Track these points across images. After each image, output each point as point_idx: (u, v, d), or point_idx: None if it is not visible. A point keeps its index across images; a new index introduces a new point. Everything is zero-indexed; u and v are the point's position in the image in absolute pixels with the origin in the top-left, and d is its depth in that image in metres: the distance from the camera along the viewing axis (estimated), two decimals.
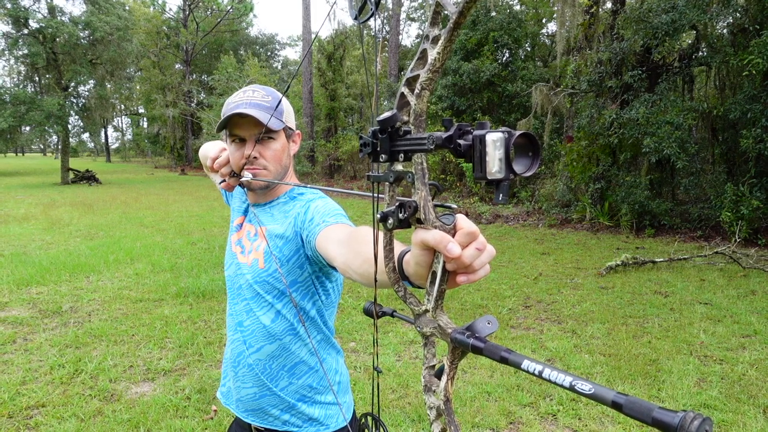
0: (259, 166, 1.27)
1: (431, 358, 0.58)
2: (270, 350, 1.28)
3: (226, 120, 1.24)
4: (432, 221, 0.53)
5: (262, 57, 42.61)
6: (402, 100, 0.56)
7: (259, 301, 1.28)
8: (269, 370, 1.29)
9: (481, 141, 0.46)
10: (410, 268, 0.60)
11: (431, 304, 0.56)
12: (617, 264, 6.50)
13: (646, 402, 0.39)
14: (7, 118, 20.28)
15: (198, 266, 6.75)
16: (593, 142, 10.10)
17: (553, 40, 18.28)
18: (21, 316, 4.78)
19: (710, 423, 0.37)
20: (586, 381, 0.42)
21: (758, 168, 8.12)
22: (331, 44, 22.45)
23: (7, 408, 3.13)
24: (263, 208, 1.35)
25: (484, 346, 0.51)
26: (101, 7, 22.42)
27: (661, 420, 0.37)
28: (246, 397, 1.32)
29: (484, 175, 0.46)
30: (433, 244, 0.52)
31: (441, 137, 0.49)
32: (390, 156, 0.56)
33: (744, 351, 4.04)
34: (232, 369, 1.35)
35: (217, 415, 3.12)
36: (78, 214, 11.88)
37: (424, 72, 0.53)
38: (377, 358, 0.79)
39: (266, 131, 1.25)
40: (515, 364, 0.47)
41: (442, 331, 0.55)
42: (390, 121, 0.55)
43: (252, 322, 1.30)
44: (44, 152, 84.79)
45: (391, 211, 0.56)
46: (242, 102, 1.24)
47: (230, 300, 1.39)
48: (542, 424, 3.03)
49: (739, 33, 8.68)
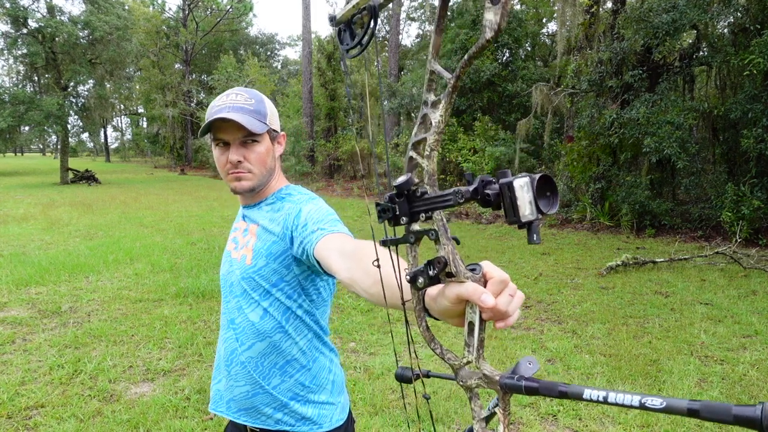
0: (243, 170, 1.27)
1: (480, 411, 0.59)
2: (261, 348, 1.28)
3: (209, 124, 1.24)
4: (463, 273, 0.55)
5: (261, 57, 42.60)
6: (411, 163, 0.59)
7: (247, 299, 1.29)
8: (261, 367, 1.29)
9: (509, 188, 0.49)
10: (435, 314, 0.62)
11: (473, 354, 0.57)
12: (618, 264, 6.49)
13: (721, 403, 0.40)
14: (6, 118, 20.26)
15: (198, 266, 6.73)
16: (594, 142, 10.09)
17: (553, 39, 18.28)
18: (20, 316, 4.77)
19: None
20: (656, 397, 0.43)
21: (759, 168, 8.11)
22: (331, 44, 22.43)
23: (7, 408, 3.12)
24: (253, 209, 1.36)
25: (539, 385, 0.51)
26: (101, 7, 22.40)
27: (743, 416, 0.38)
28: (239, 395, 1.32)
29: (518, 219, 0.49)
30: (468, 297, 0.54)
31: (468, 191, 0.52)
32: (410, 217, 0.58)
33: (745, 351, 4.03)
34: (225, 367, 1.34)
35: (217, 415, 3.10)
36: (77, 214, 11.87)
37: (430, 135, 0.56)
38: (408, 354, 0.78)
39: (249, 135, 1.24)
40: (576, 396, 0.47)
41: (489, 380, 0.55)
42: (406, 185, 0.57)
43: (242, 319, 1.30)
44: (43, 152, 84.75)
45: (420, 270, 0.58)
46: (225, 106, 1.24)
47: (223, 297, 1.39)
48: (542, 425, 3.02)
49: (740, 32, 8.68)
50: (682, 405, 0.41)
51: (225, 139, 1.25)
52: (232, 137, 1.25)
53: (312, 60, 22.02)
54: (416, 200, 0.57)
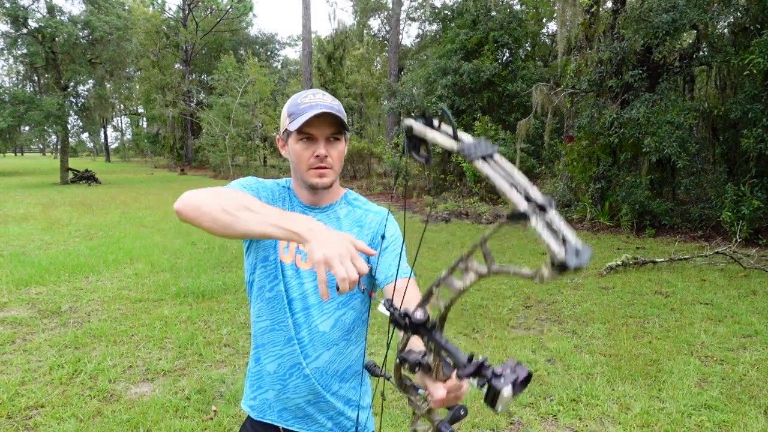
0: (327, 165, 1.30)
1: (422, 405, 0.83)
2: (327, 357, 1.31)
3: (306, 121, 1.25)
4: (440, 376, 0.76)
5: (261, 57, 42.57)
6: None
7: (321, 310, 1.29)
8: (325, 376, 1.32)
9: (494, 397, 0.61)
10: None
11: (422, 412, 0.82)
12: (618, 264, 6.49)
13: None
14: (6, 118, 20.26)
15: (198, 266, 6.73)
16: (594, 142, 10.09)
17: (553, 39, 18.28)
18: (20, 316, 4.77)
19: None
20: None
21: (759, 168, 8.11)
22: (331, 44, 22.43)
23: (6, 408, 3.12)
24: (325, 212, 1.34)
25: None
26: (100, 7, 22.39)
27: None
28: (295, 406, 1.33)
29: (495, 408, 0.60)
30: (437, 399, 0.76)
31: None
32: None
33: (745, 351, 4.03)
34: (279, 383, 1.33)
35: (217, 415, 3.10)
36: (77, 214, 11.87)
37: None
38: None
39: (336, 133, 1.30)
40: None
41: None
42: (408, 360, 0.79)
43: (310, 331, 1.30)
44: (43, 152, 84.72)
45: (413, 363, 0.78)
46: (316, 103, 1.28)
47: (275, 316, 1.32)
48: (542, 425, 3.02)
49: (740, 32, 8.68)
50: None
51: (314, 134, 1.28)
52: (321, 133, 1.28)
53: (312, 60, 22.02)
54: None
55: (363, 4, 30.76)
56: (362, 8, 31.41)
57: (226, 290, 5.62)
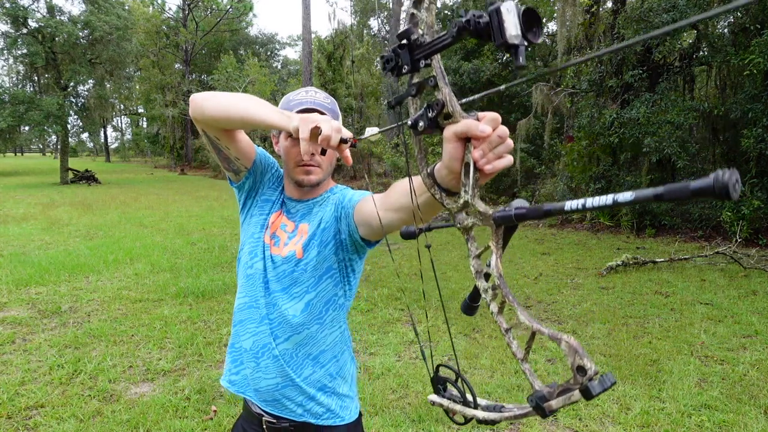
0: (315, 163, 1.32)
1: (475, 249, 0.63)
2: (298, 339, 1.31)
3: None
4: (459, 113, 0.60)
5: (261, 57, 42.58)
6: (413, 19, 0.62)
7: (291, 292, 1.30)
8: (295, 358, 1.31)
9: (497, 12, 0.52)
10: (443, 171, 0.66)
11: (469, 192, 0.62)
12: (618, 264, 6.49)
13: (682, 183, 0.44)
14: (6, 118, 20.26)
15: (198, 266, 6.73)
16: (594, 142, 10.09)
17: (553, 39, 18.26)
18: (20, 316, 4.77)
19: (737, 173, 0.41)
20: (626, 192, 0.47)
21: (759, 168, 8.11)
22: (331, 44, 22.43)
23: (6, 408, 3.12)
24: (307, 203, 1.37)
25: (526, 211, 0.56)
26: (100, 7, 22.39)
27: (699, 187, 0.42)
28: (265, 387, 1.33)
29: (504, 40, 0.52)
30: (465, 130, 0.59)
31: (461, 21, 0.55)
32: (412, 66, 0.61)
33: (745, 351, 4.03)
34: (252, 360, 1.34)
35: (217, 415, 3.10)
36: (77, 214, 11.87)
37: None
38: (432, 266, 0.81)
39: None
40: (560, 211, 0.52)
41: (484, 216, 0.60)
42: (407, 33, 0.60)
43: (281, 313, 1.31)
44: (43, 152, 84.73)
45: (420, 115, 0.62)
46: (307, 100, 1.29)
47: (253, 293, 1.36)
48: (542, 425, 3.02)
49: (740, 32, 8.67)
50: (649, 193, 0.46)
51: None
52: None
53: (312, 60, 22.02)
54: (416, 48, 0.60)
55: (363, 3, 30.73)
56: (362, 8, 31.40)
57: (226, 290, 5.62)
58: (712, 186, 0.41)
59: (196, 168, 32.34)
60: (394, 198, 0.98)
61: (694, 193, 0.42)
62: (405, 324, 4.70)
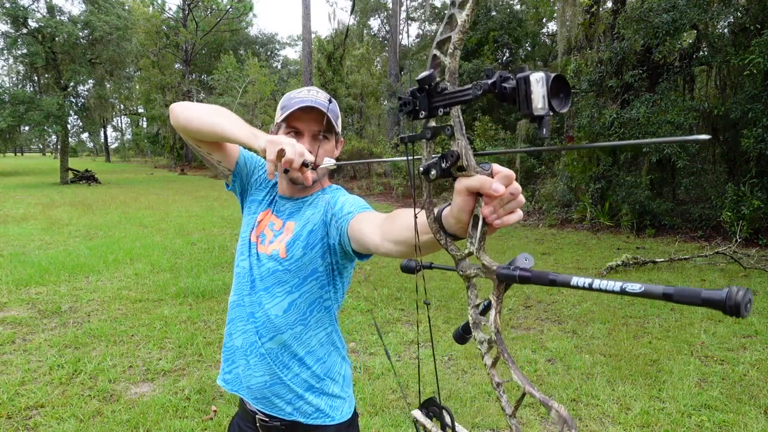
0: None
1: (475, 299, 0.63)
2: (283, 339, 1.31)
3: (291, 113, 1.28)
4: (474, 167, 0.59)
5: (261, 57, 42.58)
6: (434, 61, 0.61)
7: (275, 291, 1.30)
8: (281, 358, 1.31)
9: (525, 81, 0.51)
10: (451, 220, 0.65)
11: (475, 245, 0.61)
12: (618, 264, 6.49)
13: (694, 288, 0.43)
14: (6, 118, 20.26)
15: (198, 266, 6.73)
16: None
17: (553, 39, 18.27)
18: (20, 316, 4.77)
19: (751, 293, 0.41)
20: (635, 283, 0.46)
21: (759, 168, 8.11)
22: (331, 44, 22.43)
23: (6, 408, 3.12)
24: (296, 202, 1.36)
25: (531, 274, 0.55)
26: (100, 7, 22.39)
27: (711, 298, 0.42)
28: (255, 385, 1.34)
29: (530, 112, 0.51)
30: (478, 187, 0.58)
31: (487, 83, 0.54)
32: (429, 112, 0.61)
33: (745, 351, 4.03)
34: (243, 358, 1.36)
35: (217, 415, 3.10)
36: (77, 214, 11.87)
37: (455, 33, 0.58)
38: (425, 306, 0.82)
39: (324, 131, 1.29)
40: (565, 284, 0.51)
41: (487, 270, 0.60)
42: (428, 80, 0.60)
43: (265, 312, 1.31)
44: (43, 152, 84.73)
45: (434, 163, 0.62)
46: (308, 98, 1.29)
47: (240, 291, 1.38)
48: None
49: (740, 32, 8.67)
50: (658, 290, 0.45)
51: (301, 129, 1.29)
52: (308, 128, 1.29)
53: (312, 60, 22.02)
54: (436, 95, 0.60)
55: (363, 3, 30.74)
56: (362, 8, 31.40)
57: (226, 290, 5.62)
58: (723, 301, 0.41)
59: (196, 168, 32.35)
60: (396, 231, 0.94)
61: (705, 301, 0.42)
62: (405, 324, 4.71)
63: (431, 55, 0.61)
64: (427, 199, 0.66)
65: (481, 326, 0.61)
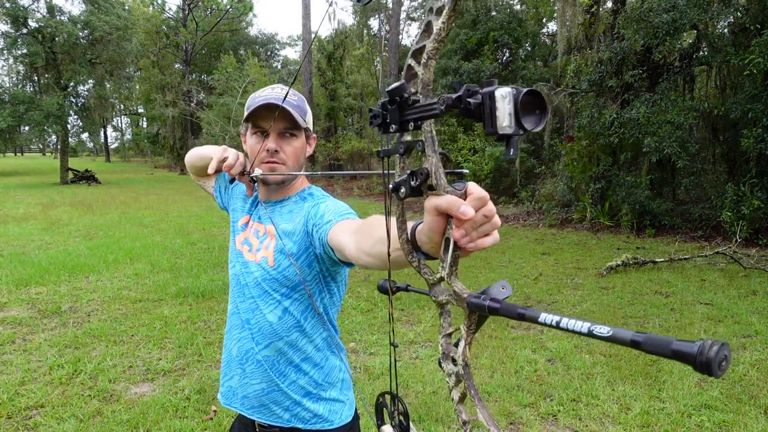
0: (278, 161, 1.29)
1: (447, 327, 0.60)
2: (278, 346, 1.30)
3: (253, 112, 1.27)
4: (443, 187, 0.54)
5: (261, 57, 42.59)
6: (410, 72, 0.56)
7: (267, 299, 1.30)
8: (277, 365, 1.31)
9: (490, 97, 0.47)
10: (423, 238, 0.61)
11: (446, 271, 0.57)
12: (618, 264, 6.49)
13: (664, 337, 0.40)
14: (6, 118, 20.27)
15: (198, 266, 6.73)
16: (594, 142, 10.09)
17: (553, 39, 18.27)
18: (20, 316, 4.77)
19: (728, 348, 0.37)
20: (604, 325, 0.43)
21: (759, 168, 8.10)
22: (330, 44, 22.43)
23: (6, 408, 3.12)
24: (275, 206, 1.36)
25: (500, 306, 0.52)
26: (100, 7, 22.39)
27: (680, 351, 0.38)
28: (253, 393, 1.33)
29: (495, 131, 0.47)
30: (446, 208, 0.54)
31: (451, 98, 0.50)
32: (400, 126, 0.57)
33: (745, 351, 4.03)
34: (239, 366, 1.35)
35: (217, 415, 3.10)
36: (77, 214, 11.87)
37: (429, 42, 0.53)
38: (393, 335, 0.81)
39: (290, 128, 1.28)
40: (532, 319, 0.48)
41: (458, 297, 0.56)
42: (398, 91, 0.55)
43: (259, 319, 1.31)
44: (43, 152, 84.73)
45: (403, 180, 0.57)
46: (271, 96, 1.28)
47: (235, 298, 1.39)
48: (542, 425, 3.02)
49: (740, 32, 8.67)
50: (627, 336, 0.42)
51: (266, 127, 1.28)
52: (273, 127, 1.28)
53: (312, 60, 22.01)
54: (407, 108, 0.56)
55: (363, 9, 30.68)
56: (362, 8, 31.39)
57: (226, 290, 5.59)
58: (694, 356, 0.37)
59: None
60: (370, 245, 0.91)
61: (675, 354, 0.38)
62: (405, 324, 4.71)
63: (406, 65, 0.57)
64: (400, 218, 0.61)
65: (451, 357, 0.57)
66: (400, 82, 0.56)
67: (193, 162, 1.55)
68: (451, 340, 0.59)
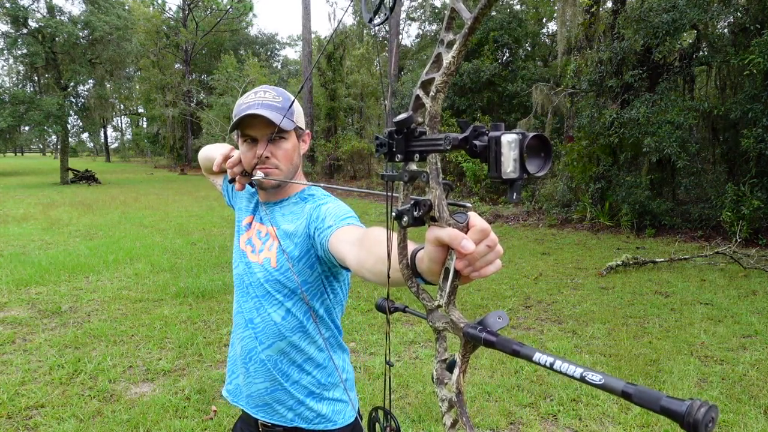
0: (270, 166, 1.29)
1: (443, 352, 0.60)
2: (281, 346, 1.31)
3: (239, 121, 1.26)
4: (446, 219, 0.55)
5: (262, 57, 42.58)
6: (417, 102, 0.57)
7: (270, 300, 1.30)
8: (280, 365, 1.31)
9: (496, 142, 0.48)
10: (423, 265, 0.61)
11: (444, 299, 0.58)
12: (618, 264, 6.49)
13: (655, 391, 0.40)
14: (6, 118, 20.27)
15: (198, 266, 6.73)
16: (594, 142, 10.09)
17: (553, 39, 18.28)
18: (20, 316, 4.77)
19: (716, 410, 0.38)
20: (597, 372, 0.43)
21: (759, 168, 8.11)
22: (331, 44, 22.42)
23: (7, 408, 3.12)
24: (274, 207, 1.37)
25: (496, 339, 0.52)
26: (101, 7, 22.39)
27: (669, 408, 0.38)
28: (257, 392, 1.34)
29: (499, 175, 0.48)
30: (447, 242, 0.54)
31: (457, 138, 0.51)
32: (405, 156, 0.58)
33: (745, 351, 4.03)
34: (242, 365, 1.36)
35: (217, 415, 3.11)
36: (77, 214, 11.87)
37: (439, 75, 0.54)
38: (389, 353, 0.81)
39: (278, 131, 1.26)
40: (527, 357, 0.48)
41: (455, 326, 0.56)
42: (406, 123, 0.56)
43: (262, 319, 1.32)
44: (43, 152, 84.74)
45: (406, 210, 0.58)
46: (254, 102, 1.26)
47: (239, 297, 1.40)
48: (542, 425, 3.02)
49: (740, 32, 8.67)
50: (619, 385, 0.42)
51: (253, 135, 1.28)
52: (260, 133, 1.27)
53: (312, 60, 22.01)
54: (414, 139, 0.57)
55: None
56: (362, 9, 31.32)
57: (226, 290, 5.62)
58: (682, 415, 0.37)
59: (197, 168, 32.31)
60: (371, 262, 0.92)
61: (663, 410, 0.39)
62: (405, 324, 4.71)
63: (414, 95, 0.57)
64: (401, 244, 0.62)
65: (445, 383, 0.58)
66: (408, 113, 0.57)
67: (203, 159, 1.59)
68: (446, 366, 0.60)
